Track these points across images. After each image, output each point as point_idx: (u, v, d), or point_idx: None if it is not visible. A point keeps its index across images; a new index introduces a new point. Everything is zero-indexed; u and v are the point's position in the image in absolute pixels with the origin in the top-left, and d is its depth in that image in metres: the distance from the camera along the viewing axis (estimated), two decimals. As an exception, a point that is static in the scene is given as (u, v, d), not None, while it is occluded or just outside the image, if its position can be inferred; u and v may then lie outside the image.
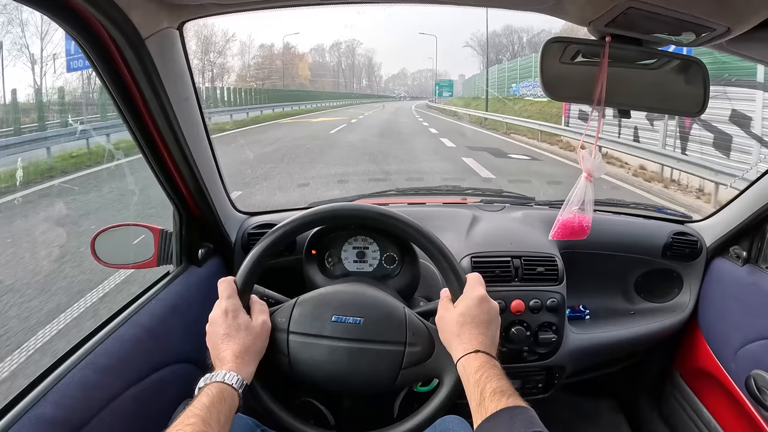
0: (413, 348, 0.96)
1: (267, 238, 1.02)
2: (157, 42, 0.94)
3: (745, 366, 1.33)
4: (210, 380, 0.84)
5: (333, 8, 0.95)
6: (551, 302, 1.35)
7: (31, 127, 8.83)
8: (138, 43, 0.89)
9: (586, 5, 0.79)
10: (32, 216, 5.22)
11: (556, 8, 0.87)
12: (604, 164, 1.00)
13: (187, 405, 0.89)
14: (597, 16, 0.80)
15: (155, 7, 0.90)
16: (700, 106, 0.94)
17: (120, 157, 7.28)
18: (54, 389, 0.86)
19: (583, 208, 1.03)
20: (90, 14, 0.80)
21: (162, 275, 1.29)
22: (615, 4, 0.74)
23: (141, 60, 0.91)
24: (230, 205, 1.49)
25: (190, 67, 1.10)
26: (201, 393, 0.82)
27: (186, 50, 1.07)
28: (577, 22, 0.86)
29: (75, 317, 3.09)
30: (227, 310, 0.93)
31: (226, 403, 0.81)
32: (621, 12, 0.76)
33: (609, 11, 0.77)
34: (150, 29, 0.91)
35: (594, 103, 0.90)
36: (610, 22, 0.80)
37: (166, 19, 0.95)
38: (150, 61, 0.93)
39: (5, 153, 6.74)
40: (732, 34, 0.80)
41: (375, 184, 6.53)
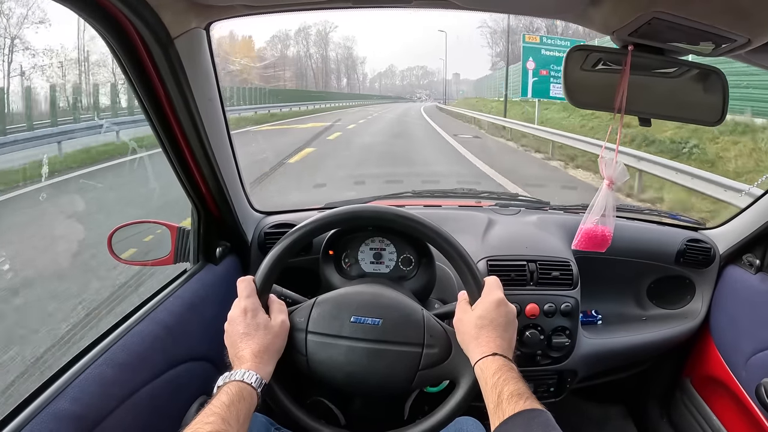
0: (431, 349, 0.97)
1: (287, 238, 1.03)
2: (185, 42, 0.95)
3: (756, 374, 1.33)
4: (229, 379, 0.85)
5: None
6: (565, 306, 1.36)
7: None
8: (167, 42, 0.91)
9: (612, 15, 0.80)
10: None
11: (582, 16, 0.88)
12: (625, 171, 1.00)
13: (203, 402, 0.90)
14: (621, 26, 0.80)
15: (185, 7, 0.91)
16: (719, 116, 0.94)
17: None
18: (72, 385, 0.86)
19: (605, 216, 1.04)
20: (120, 13, 0.81)
21: (179, 273, 1.30)
22: (640, 14, 0.75)
23: (169, 59, 0.93)
24: (248, 205, 1.50)
25: (215, 67, 1.11)
26: (220, 391, 0.82)
27: (212, 50, 1.08)
28: (602, 31, 0.87)
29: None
30: (246, 309, 0.93)
31: (245, 402, 0.81)
32: (645, 22, 0.77)
33: (633, 21, 0.77)
34: (179, 29, 0.93)
35: (615, 110, 0.91)
36: (633, 31, 0.81)
37: (194, 20, 0.97)
38: (178, 60, 0.94)
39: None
40: (752, 45, 0.80)
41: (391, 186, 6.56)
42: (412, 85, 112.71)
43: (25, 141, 6.80)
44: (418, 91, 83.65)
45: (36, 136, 7.16)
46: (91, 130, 8.63)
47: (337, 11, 0.99)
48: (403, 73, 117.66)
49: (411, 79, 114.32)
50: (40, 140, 7.09)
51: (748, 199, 1.53)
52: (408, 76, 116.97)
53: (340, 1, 0.92)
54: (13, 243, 4.22)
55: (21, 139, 6.90)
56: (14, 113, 9.27)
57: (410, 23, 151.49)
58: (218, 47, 3.14)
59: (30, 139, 6.93)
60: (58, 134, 7.44)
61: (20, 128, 8.05)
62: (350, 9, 0.94)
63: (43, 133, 7.48)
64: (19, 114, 8.78)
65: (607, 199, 1.03)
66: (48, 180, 6.01)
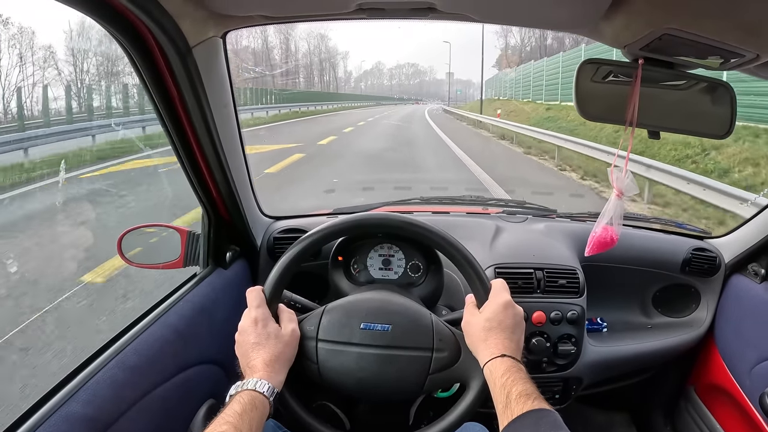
0: (440, 354, 0.98)
1: (295, 247, 1.04)
2: (203, 50, 0.97)
3: (760, 383, 1.33)
4: (241, 388, 0.86)
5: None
6: (572, 314, 1.37)
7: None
8: (185, 51, 0.92)
9: (624, 30, 0.81)
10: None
11: (594, 31, 0.89)
12: (635, 183, 1.02)
13: (211, 405, 0.91)
14: (633, 41, 0.82)
15: (204, 17, 0.93)
16: (727, 129, 0.95)
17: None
18: (84, 387, 0.87)
19: (611, 222, 1.06)
20: (140, 21, 0.82)
21: (189, 276, 1.31)
22: (651, 30, 0.76)
23: (187, 68, 0.94)
24: (258, 210, 1.52)
25: (230, 74, 1.13)
26: (233, 400, 0.83)
27: (228, 58, 1.10)
28: (613, 45, 0.88)
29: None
30: (257, 319, 0.94)
31: (257, 411, 0.82)
32: (656, 37, 0.78)
33: (645, 36, 0.78)
34: (197, 38, 0.94)
35: (627, 123, 0.92)
36: (644, 46, 0.82)
37: (212, 29, 0.98)
38: (195, 68, 0.96)
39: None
40: (761, 60, 0.81)
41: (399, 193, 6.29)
42: (402, 85, 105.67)
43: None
44: (415, 98, 77.80)
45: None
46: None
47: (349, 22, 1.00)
48: (392, 72, 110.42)
49: (400, 78, 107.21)
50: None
51: (753, 209, 1.54)
52: (397, 75, 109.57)
53: (355, 13, 0.93)
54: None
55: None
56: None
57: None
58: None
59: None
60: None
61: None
62: (364, 20, 0.96)
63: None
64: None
65: (616, 208, 1.05)
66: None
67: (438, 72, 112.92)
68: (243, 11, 0.96)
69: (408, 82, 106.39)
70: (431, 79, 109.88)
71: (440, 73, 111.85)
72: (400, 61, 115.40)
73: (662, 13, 0.73)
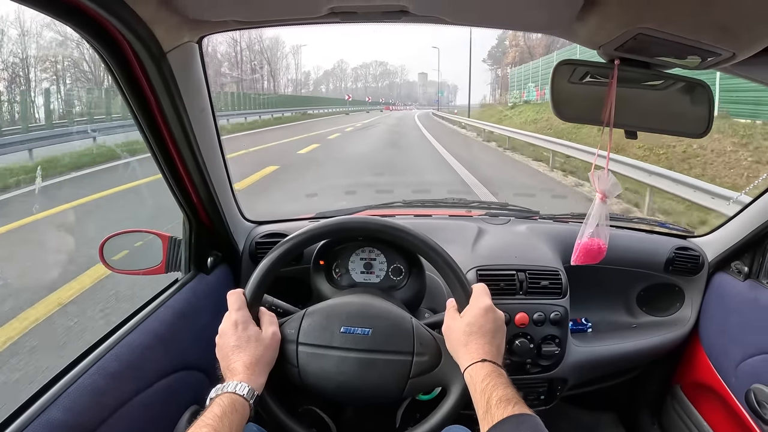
0: (421, 357, 0.98)
1: (275, 250, 1.04)
2: (178, 55, 0.96)
3: (746, 380, 1.34)
4: (221, 391, 0.85)
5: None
6: (555, 315, 1.37)
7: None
8: (160, 56, 0.91)
9: (598, 30, 0.81)
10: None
11: (569, 32, 0.89)
12: (618, 184, 1.02)
13: (194, 411, 0.91)
14: (607, 41, 0.81)
15: (178, 22, 0.92)
16: (704, 128, 0.95)
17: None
18: (64, 394, 0.87)
19: (599, 227, 1.06)
20: (114, 27, 0.81)
21: (171, 282, 1.31)
22: (625, 30, 0.76)
23: (162, 73, 0.93)
24: (239, 214, 1.51)
25: (207, 79, 1.12)
26: (213, 403, 0.82)
27: (204, 63, 1.09)
28: (588, 46, 0.88)
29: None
30: (237, 322, 0.94)
31: (237, 413, 0.82)
32: (631, 37, 0.78)
33: (619, 36, 0.78)
34: (172, 43, 0.94)
35: (603, 123, 0.92)
36: (619, 46, 0.82)
37: (187, 34, 0.98)
38: (170, 73, 0.95)
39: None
40: (737, 59, 0.81)
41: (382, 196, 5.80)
42: (369, 87, 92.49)
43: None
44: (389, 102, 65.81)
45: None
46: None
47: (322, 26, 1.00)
48: (357, 72, 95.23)
49: (367, 80, 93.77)
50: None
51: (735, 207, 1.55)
52: (363, 76, 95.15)
53: (327, 17, 0.93)
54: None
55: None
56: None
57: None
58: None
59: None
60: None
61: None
62: (338, 24, 0.96)
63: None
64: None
65: (600, 211, 1.04)
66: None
67: (410, 73, 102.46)
68: (216, 16, 0.95)
69: (376, 84, 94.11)
70: (402, 81, 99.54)
71: (412, 74, 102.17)
72: (366, 60, 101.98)
73: (635, 13, 0.73)
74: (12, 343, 2.91)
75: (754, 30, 0.73)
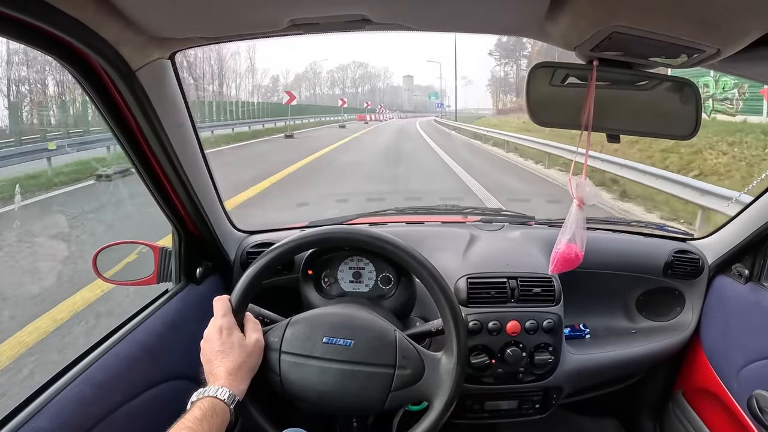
0: (403, 371, 0.97)
1: (262, 258, 1.04)
2: (148, 72, 0.96)
3: (748, 385, 1.32)
4: (202, 395, 0.86)
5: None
6: (548, 323, 1.34)
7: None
8: (129, 74, 0.92)
9: (570, 30, 0.79)
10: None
11: (541, 33, 0.87)
12: (596, 192, 1.00)
13: None
14: (581, 41, 0.79)
15: (144, 41, 0.92)
16: (692, 129, 0.93)
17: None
18: (51, 404, 0.88)
19: (574, 236, 1.04)
20: (81, 49, 0.82)
21: (161, 292, 1.31)
22: (598, 29, 0.74)
23: (133, 90, 0.94)
24: (229, 224, 1.51)
25: (183, 93, 1.12)
26: (193, 407, 0.84)
27: (179, 78, 1.09)
28: (562, 47, 0.86)
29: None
30: (222, 328, 0.95)
31: (217, 417, 0.83)
32: (605, 37, 0.76)
33: (593, 36, 0.76)
34: (140, 61, 0.94)
35: (582, 128, 0.90)
36: (595, 46, 0.79)
37: (156, 51, 0.98)
38: (142, 90, 0.96)
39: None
40: (723, 55, 0.79)
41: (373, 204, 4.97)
42: (348, 93, 78.64)
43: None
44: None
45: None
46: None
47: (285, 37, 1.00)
48: (333, 76, 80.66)
49: (345, 84, 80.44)
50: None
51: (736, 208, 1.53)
52: (340, 80, 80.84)
53: (290, 29, 0.93)
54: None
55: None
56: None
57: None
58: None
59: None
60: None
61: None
62: (300, 35, 0.96)
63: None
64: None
65: (577, 218, 1.03)
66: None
67: (394, 76, 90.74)
68: (181, 34, 0.96)
69: (356, 89, 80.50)
70: (386, 86, 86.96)
71: (396, 78, 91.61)
72: (343, 61, 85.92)
73: (607, 11, 0.71)
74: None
75: (737, 24, 0.71)
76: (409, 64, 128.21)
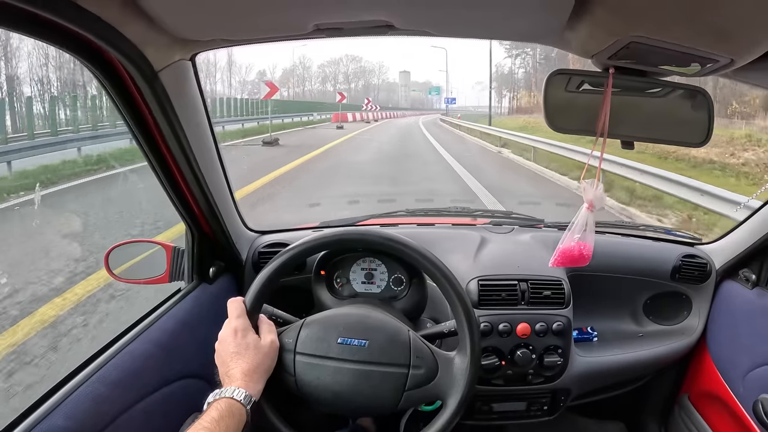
0: (417, 370, 0.98)
1: (275, 260, 1.05)
2: (170, 73, 0.97)
3: (754, 390, 1.32)
4: (219, 396, 0.87)
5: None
6: (557, 326, 1.35)
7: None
8: (152, 75, 0.92)
9: (589, 39, 0.81)
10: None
11: (560, 41, 0.89)
12: (604, 195, 1.01)
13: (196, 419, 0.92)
14: (599, 50, 0.81)
15: (168, 42, 0.93)
16: (704, 137, 0.94)
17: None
18: (66, 402, 0.89)
19: (584, 237, 1.05)
20: (105, 49, 0.83)
21: (174, 292, 1.32)
22: (617, 39, 0.75)
23: (155, 91, 0.94)
24: (242, 224, 1.52)
25: (203, 94, 1.13)
26: (210, 407, 0.84)
27: (198, 79, 1.10)
28: (580, 55, 0.87)
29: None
30: (236, 330, 0.96)
31: (234, 418, 0.83)
32: (623, 46, 0.77)
33: (611, 45, 0.78)
34: (163, 62, 0.95)
35: (597, 134, 0.91)
36: (612, 55, 0.81)
37: (178, 52, 0.99)
38: (163, 91, 0.96)
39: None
40: (736, 65, 0.80)
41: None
42: (339, 89, 64.56)
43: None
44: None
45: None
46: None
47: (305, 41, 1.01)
48: (324, 71, 71.36)
49: (337, 80, 72.10)
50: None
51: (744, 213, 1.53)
52: (332, 75, 71.77)
53: (313, 33, 0.94)
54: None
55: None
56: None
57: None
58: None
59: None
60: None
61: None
62: (323, 39, 0.96)
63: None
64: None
65: (586, 219, 1.03)
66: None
67: (389, 71, 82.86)
68: (205, 36, 0.97)
69: (349, 85, 71.42)
70: (382, 82, 77.50)
71: (392, 74, 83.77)
72: (335, 55, 76.44)
73: (626, 21, 0.72)
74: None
75: (751, 35, 0.72)
76: (406, 59, 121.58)
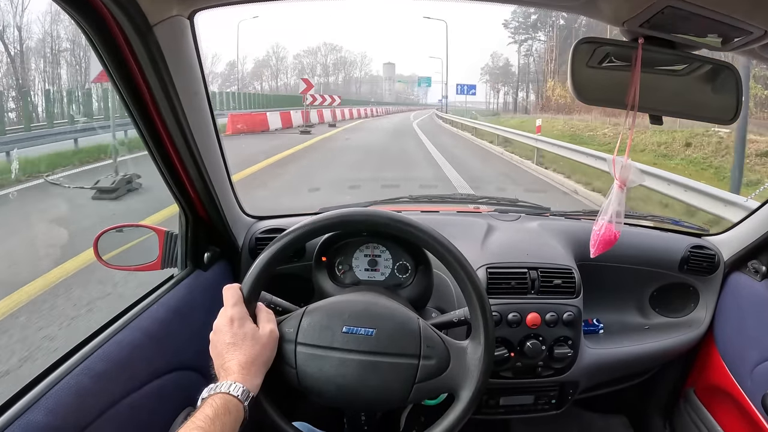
0: (428, 361, 0.92)
1: (275, 243, 0.98)
2: (166, 29, 0.91)
3: (762, 384, 1.31)
4: (214, 391, 0.81)
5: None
6: (568, 316, 1.31)
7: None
8: (145, 29, 0.86)
9: (623, 4, 0.77)
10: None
11: (589, 7, 0.85)
12: (639, 173, 0.97)
13: (189, 414, 0.86)
14: (632, 16, 0.77)
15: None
16: (733, 113, 0.91)
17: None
18: (47, 395, 0.83)
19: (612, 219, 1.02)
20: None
21: (166, 278, 1.26)
22: (652, 2, 0.72)
23: (148, 47, 0.88)
24: (238, 209, 1.46)
25: (200, 59, 1.06)
26: (204, 404, 0.78)
27: (197, 41, 1.03)
28: (611, 22, 0.84)
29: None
30: (233, 318, 0.89)
31: (231, 415, 0.78)
32: (658, 11, 0.74)
33: (645, 10, 0.74)
34: (159, 15, 0.88)
35: (628, 107, 0.87)
36: (644, 22, 0.78)
37: (176, 6, 0.92)
38: (157, 49, 0.90)
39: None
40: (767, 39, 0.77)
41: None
42: (318, 83, 57.44)
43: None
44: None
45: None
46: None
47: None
48: (302, 62, 62.98)
49: (315, 71, 62.42)
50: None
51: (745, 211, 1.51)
52: (310, 67, 63.23)
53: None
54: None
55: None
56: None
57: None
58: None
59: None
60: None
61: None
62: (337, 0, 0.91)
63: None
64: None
65: (619, 200, 1.00)
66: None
67: (373, 64, 74.42)
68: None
69: (326, 78, 63.43)
70: (364, 75, 69.41)
71: (376, 65, 77.20)
72: (312, 44, 71.66)
73: None
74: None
75: None
76: (391, 51, 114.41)
